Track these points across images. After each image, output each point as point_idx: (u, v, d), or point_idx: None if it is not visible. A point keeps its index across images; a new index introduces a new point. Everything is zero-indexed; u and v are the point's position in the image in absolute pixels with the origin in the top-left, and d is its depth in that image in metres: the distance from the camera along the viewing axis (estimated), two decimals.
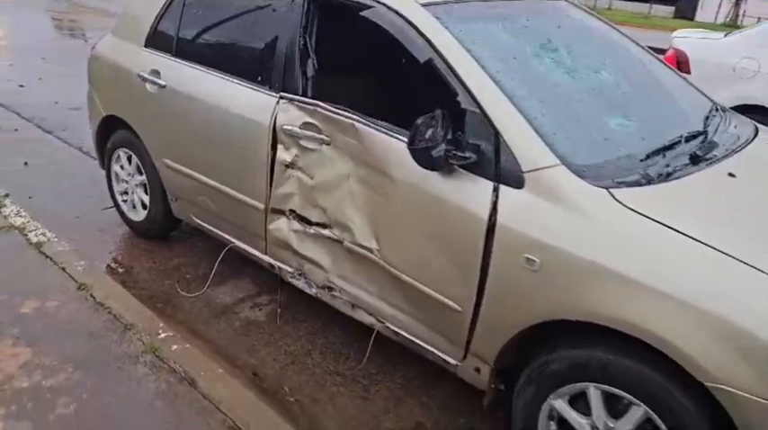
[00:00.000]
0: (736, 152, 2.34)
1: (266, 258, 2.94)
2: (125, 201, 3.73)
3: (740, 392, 1.62)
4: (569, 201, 1.91)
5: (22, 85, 6.92)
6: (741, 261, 1.70)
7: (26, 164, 4.73)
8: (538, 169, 1.97)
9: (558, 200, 1.92)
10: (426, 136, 2.05)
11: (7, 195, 3.75)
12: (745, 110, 5.19)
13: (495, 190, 2.03)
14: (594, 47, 2.79)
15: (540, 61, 2.42)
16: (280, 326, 2.98)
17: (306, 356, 2.79)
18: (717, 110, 2.73)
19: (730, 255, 1.71)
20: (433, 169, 2.10)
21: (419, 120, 2.07)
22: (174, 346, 2.49)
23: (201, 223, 3.26)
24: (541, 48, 2.50)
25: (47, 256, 3.06)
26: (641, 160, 2.10)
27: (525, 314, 2.00)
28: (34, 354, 2.36)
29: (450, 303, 2.19)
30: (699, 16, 33.48)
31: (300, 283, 2.84)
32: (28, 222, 3.44)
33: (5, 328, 2.50)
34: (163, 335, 2.55)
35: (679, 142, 2.24)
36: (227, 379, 2.36)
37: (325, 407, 2.50)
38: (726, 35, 5.71)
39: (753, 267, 1.68)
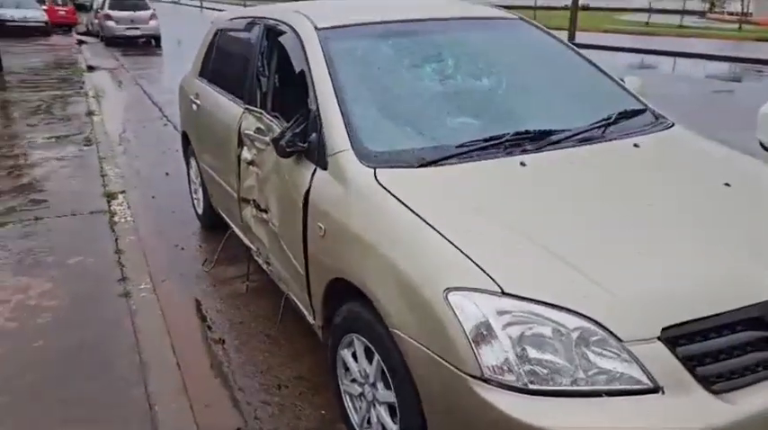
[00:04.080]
0: (573, 147, 2.44)
1: (245, 240, 3.62)
2: (196, 199, 4.74)
3: (405, 337, 1.87)
4: (346, 179, 2.29)
5: None
6: (437, 230, 1.93)
7: (167, 174, 6.09)
8: (335, 153, 2.38)
9: (341, 178, 2.32)
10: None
11: (123, 191, 5.00)
12: None
13: (314, 172, 2.48)
14: (499, 57, 3.01)
15: (410, 71, 2.78)
16: (250, 297, 3.63)
17: (254, 320, 3.40)
18: (612, 116, 2.73)
19: (431, 226, 1.95)
20: (282, 156, 2.62)
21: (292, 120, 2.62)
22: (143, 295, 3.31)
23: (221, 212, 4.08)
24: (424, 60, 2.84)
25: (113, 231, 4.13)
26: (448, 148, 2.35)
27: (323, 274, 2.40)
28: (53, 287, 3.36)
29: (298, 267, 2.66)
30: None
31: (260, 260, 3.46)
32: (123, 210, 4.61)
33: (49, 271, 3.56)
34: (142, 286, 3.39)
35: (503, 136, 2.42)
36: (158, 317, 3.11)
37: (240, 354, 3.08)
38: None
39: (444, 238, 1.89)
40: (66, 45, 19.64)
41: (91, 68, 13.93)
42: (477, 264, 1.79)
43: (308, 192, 2.47)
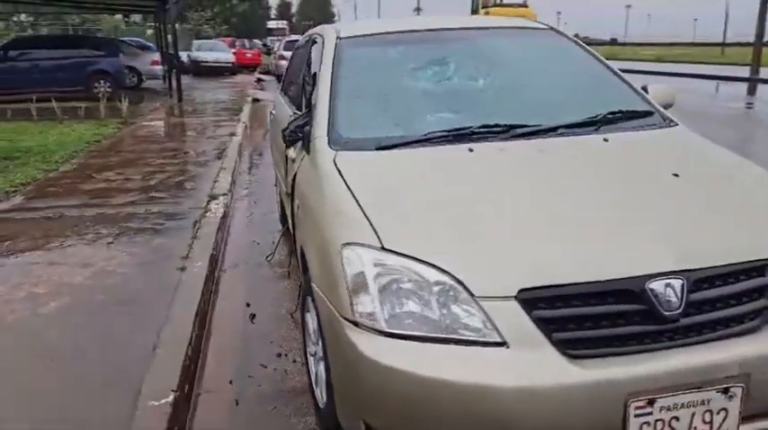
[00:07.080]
0: (540, 139, 2.52)
1: (293, 231, 4.03)
2: (277, 201, 5.28)
3: (318, 290, 2.12)
4: (315, 160, 2.60)
5: None
6: (356, 199, 2.15)
7: (275, 185, 6.75)
8: (314, 139, 2.70)
9: (314, 159, 2.62)
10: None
11: (225, 194, 5.69)
12: None
13: (303, 157, 2.81)
14: (505, 61, 3.13)
15: (408, 73, 3.02)
16: (292, 283, 4.02)
17: (287, 301, 3.76)
18: (602, 116, 2.73)
19: (354, 196, 2.18)
20: (286, 145, 2.99)
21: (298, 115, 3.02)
22: (195, 270, 3.82)
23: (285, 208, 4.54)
24: (428, 63, 3.07)
25: (199, 223, 4.77)
26: (408, 137, 2.57)
27: (298, 244, 2.70)
28: (127, 259, 4.01)
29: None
30: None
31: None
32: (217, 209, 5.26)
33: (130, 248, 4.24)
34: (198, 264, 3.91)
35: (468, 128, 2.58)
36: (198, 287, 3.58)
37: (261, 326, 3.45)
38: None
39: (359, 205, 2.11)
40: (246, 82, 22.06)
41: (256, 100, 15.55)
42: (372, 225, 1.99)
43: (296, 173, 2.81)
